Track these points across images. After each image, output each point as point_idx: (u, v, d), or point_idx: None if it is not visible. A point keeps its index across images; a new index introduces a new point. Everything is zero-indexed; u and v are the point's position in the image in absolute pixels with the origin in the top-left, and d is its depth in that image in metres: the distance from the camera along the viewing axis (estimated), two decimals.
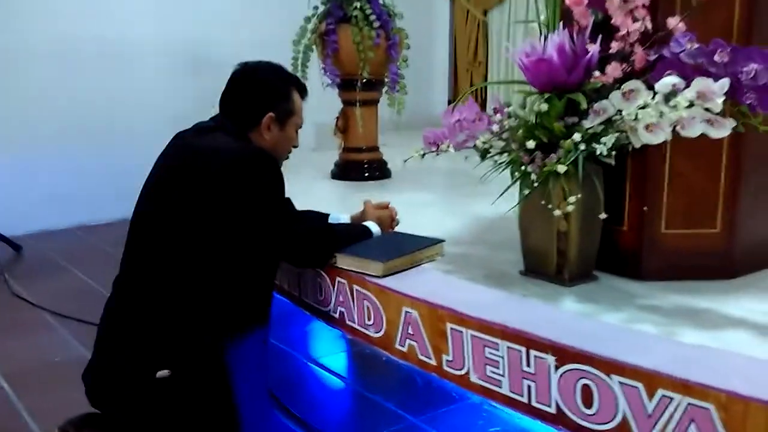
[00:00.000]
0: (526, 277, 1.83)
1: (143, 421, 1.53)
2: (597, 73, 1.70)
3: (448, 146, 1.87)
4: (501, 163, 1.80)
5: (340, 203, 2.91)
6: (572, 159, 1.63)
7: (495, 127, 1.78)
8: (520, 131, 1.76)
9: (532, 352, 1.29)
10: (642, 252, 1.78)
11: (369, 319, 1.67)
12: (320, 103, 3.52)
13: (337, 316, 1.79)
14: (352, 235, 1.83)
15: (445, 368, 1.47)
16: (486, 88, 5.43)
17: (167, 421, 1.53)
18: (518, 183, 1.76)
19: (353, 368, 2.56)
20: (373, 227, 1.91)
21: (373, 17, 3.14)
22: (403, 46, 3.28)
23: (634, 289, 1.71)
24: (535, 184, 1.67)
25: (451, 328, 1.44)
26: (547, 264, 1.79)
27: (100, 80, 4.45)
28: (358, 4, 3.13)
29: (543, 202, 1.67)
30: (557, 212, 1.64)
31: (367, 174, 3.38)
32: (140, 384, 1.51)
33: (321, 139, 4.38)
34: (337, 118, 3.41)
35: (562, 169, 1.62)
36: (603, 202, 1.68)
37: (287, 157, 1.86)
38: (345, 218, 2.01)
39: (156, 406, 1.52)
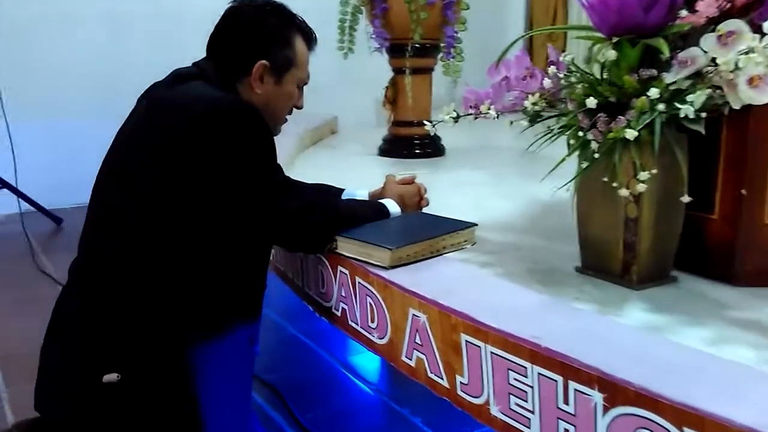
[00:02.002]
0: (582, 275, 1.45)
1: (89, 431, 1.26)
2: (684, 12, 1.30)
3: (489, 108, 1.51)
4: (554, 130, 1.42)
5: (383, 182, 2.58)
6: (647, 122, 1.24)
7: (547, 83, 1.40)
8: (580, 87, 1.37)
9: (572, 384, 0.92)
10: (736, 248, 1.36)
11: (372, 321, 1.33)
12: (385, 76, 3.21)
13: (339, 313, 1.46)
14: (363, 215, 1.48)
15: (460, 393, 1.12)
16: None
17: None
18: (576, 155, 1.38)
19: (386, 372, 2.23)
20: (392, 206, 1.55)
21: None
22: (461, 6, 2.89)
23: (724, 296, 1.31)
24: (596, 155, 1.28)
25: (467, 341, 1.08)
26: (611, 260, 1.40)
27: (149, 51, 4.26)
28: None
29: (605, 179, 1.29)
30: (624, 192, 1.26)
31: (417, 150, 3.02)
32: (84, 389, 1.24)
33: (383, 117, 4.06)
34: (387, 87, 3.07)
35: (631, 134, 1.23)
36: (687, 181, 1.27)
37: (285, 120, 1.53)
38: (362, 194, 1.67)
39: (102, 416, 1.24)
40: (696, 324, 1.18)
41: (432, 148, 3.05)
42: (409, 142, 3.03)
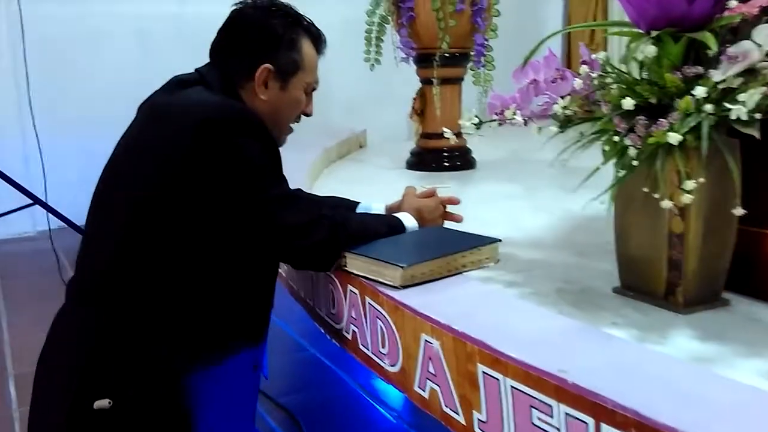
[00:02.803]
0: (621, 297, 1.31)
1: None
2: (734, 2, 1.16)
3: (515, 113, 1.38)
4: (587, 136, 1.28)
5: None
6: (692, 126, 1.10)
7: (578, 83, 1.27)
8: (615, 87, 1.24)
9: (606, 428, 0.78)
10: None
11: (383, 347, 1.20)
12: (416, 89, 3.10)
13: (349, 336, 1.34)
14: (374, 230, 1.36)
15: (477, 431, 0.98)
16: None
17: None
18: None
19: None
20: (408, 220, 1.43)
21: None
22: (492, 13, 2.77)
23: None
24: (635, 163, 1.15)
25: (484, 373, 0.95)
26: (653, 280, 1.26)
27: (177, 64, 4.24)
28: None
29: (646, 190, 1.15)
30: (666, 204, 1.12)
31: (447, 163, 2.90)
32: (74, 415, 1.14)
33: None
34: (414, 99, 2.96)
35: (675, 139, 1.09)
36: (740, 192, 1.12)
37: (291, 129, 1.42)
38: (378, 208, 1.55)
39: None
40: (753, 355, 1.03)
41: (462, 160, 2.92)
42: (438, 154, 2.91)
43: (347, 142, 3.51)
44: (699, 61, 1.17)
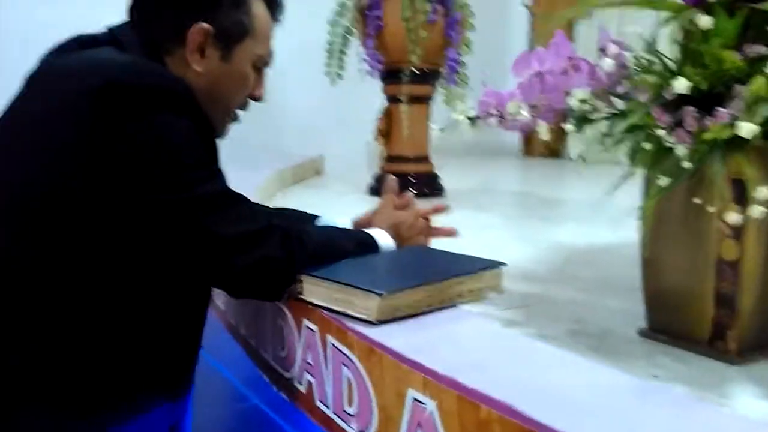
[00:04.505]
0: (651, 342, 1.03)
1: None
2: None
3: (519, 107, 1.11)
4: (613, 135, 1.02)
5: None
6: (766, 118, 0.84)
7: (608, 64, 1.00)
8: (654, 71, 0.98)
9: None
10: None
11: (350, 404, 0.88)
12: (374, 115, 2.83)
13: (303, 389, 1.01)
14: (341, 247, 1.05)
15: None
16: None
17: None
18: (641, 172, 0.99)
19: None
20: (381, 237, 1.12)
21: None
22: (466, 27, 2.55)
23: None
24: (686, 165, 0.88)
25: None
26: (695, 320, 0.99)
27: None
28: None
29: (699, 201, 0.89)
30: (734, 219, 0.85)
31: (413, 189, 2.62)
32: None
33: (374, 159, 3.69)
34: (380, 118, 2.69)
35: (749, 131, 0.83)
36: None
37: (236, 116, 1.11)
38: (344, 224, 1.24)
39: None
40: None
41: (429, 187, 2.66)
42: (404, 179, 2.61)
43: (302, 166, 3.22)
44: (761, 38, 0.92)
